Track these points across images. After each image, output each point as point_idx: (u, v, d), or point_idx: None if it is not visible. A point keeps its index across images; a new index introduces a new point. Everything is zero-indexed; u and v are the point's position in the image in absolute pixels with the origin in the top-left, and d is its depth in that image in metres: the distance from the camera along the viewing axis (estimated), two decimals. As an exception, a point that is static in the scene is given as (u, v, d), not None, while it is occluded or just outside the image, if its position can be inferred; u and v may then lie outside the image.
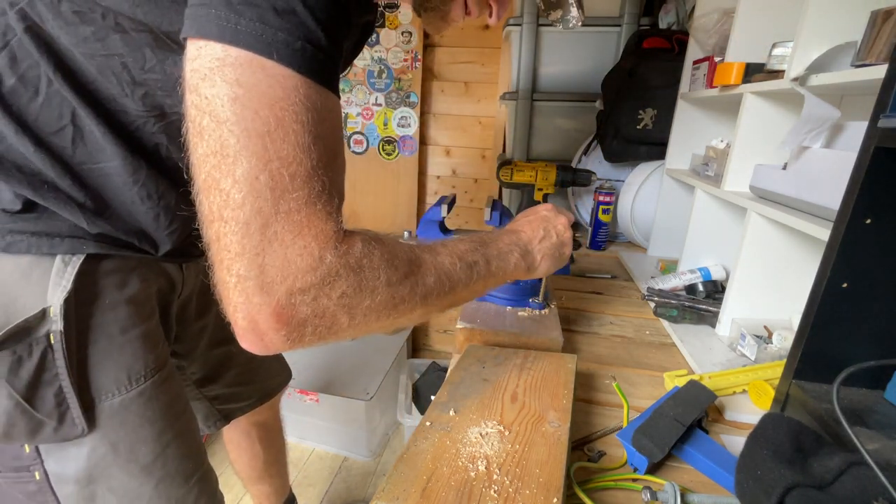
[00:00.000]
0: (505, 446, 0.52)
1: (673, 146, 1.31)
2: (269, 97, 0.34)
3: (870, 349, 0.55)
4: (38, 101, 0.45)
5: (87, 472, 0.57)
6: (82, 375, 0.54)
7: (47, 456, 0.56)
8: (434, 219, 0.92)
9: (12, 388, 0.50)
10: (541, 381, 0.66)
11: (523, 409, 0.59)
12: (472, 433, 0.54)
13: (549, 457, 0.50)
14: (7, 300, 0.48)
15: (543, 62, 1.63)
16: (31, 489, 0.56)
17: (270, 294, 0.35)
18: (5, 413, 0.51)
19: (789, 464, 0.46)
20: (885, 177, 0.49)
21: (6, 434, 0.52)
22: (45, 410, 0.52)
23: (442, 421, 0.56)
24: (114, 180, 0.50)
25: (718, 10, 1.09)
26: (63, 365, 0.52)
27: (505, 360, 0.72)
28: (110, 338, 0.55)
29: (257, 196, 0.34)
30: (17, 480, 0.56)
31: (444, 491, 0.45)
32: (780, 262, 0.85)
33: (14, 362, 0.49)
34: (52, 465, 0.56)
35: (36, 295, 0.49)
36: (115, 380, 0.56)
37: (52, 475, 0.56)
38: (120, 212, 0.53)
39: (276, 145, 0.34)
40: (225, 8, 0.32)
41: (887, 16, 0.61)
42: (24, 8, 0.42)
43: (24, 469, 0.56)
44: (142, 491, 0.61)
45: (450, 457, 0.50)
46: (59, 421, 0.53)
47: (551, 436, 0.54)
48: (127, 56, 0.44)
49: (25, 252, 0.48)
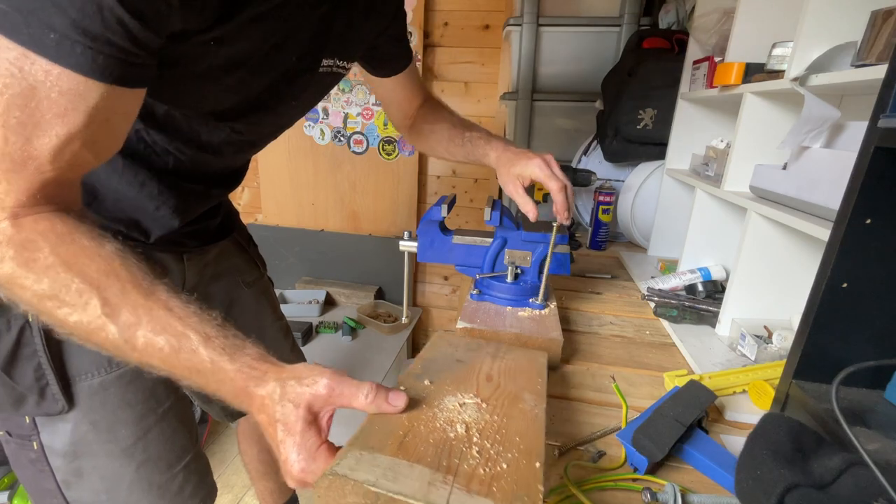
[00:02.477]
0: (483, 416, 0.50)
1: (673, 146, 1.31)
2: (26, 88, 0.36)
3: (870, 349, 0.55)
4: None
5: (72, 448, 0.61)
6: (60, 354, 0.57)
7: (42, 428, 0.60)
8: (434, 219, 0.92)
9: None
10: (514, 368, 0.64)
11: (499, 388, 0.57)
12: (450, 401, 0.51)
13: (528, 429, 0.48)
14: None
15: (543, 62, 1.63)
16: (32, 457, 0.61)
17: None
18: None
19: (789, 464, 0.46)
20: (885, 177, 0.49)
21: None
22: (25, 384, 0.56)
23: (417, 388, 0.53)
24: (96, 170, 0.51)
25: (718, 10, 1.09)
26: (40, 342, 0.55)
27: (477, 349, 0.70)
28: None
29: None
30: (22, 447, 0.61)
31: (422, 446, 0.43)
32: (780, 262, 0.85)
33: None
34: (45, 438, 0.60)
35: None
36: (93, 361, 0.59)
37: (46, 447, 0.61)
38: (107, 202, 0.57)
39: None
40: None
41: (887, 16, 0.61)
42: None
43: (26, 437, 0.61)
44: (123, 473, 0.63)
45: (427, 418, 0.47)
46: (40, 395, 0.57)
47: (529, 412, 0.52)
48: None
49: None
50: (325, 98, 2.16)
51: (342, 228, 2.36)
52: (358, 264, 2.39)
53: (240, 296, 0.87)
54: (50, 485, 0.63)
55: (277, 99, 0.62)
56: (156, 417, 0.65)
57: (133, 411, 0.63)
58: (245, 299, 0.89)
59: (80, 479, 0.63)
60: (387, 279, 2.40)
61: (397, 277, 2.36)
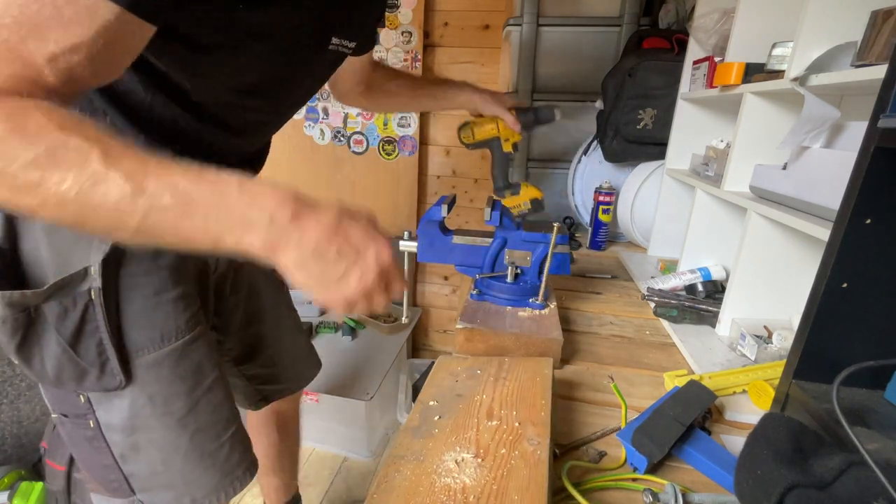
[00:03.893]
0: (482, 474, 0.49)
1: (673, 146, 1.31)
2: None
3: (870, 349, 0.55)
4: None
5: (130, 423, 0.63)
6: (120, 331, 0.60)
7: (98, 406, 0.62)
8: (434, 219, 0.92)
9: (60, 336, 0.56)
10: (517, 391, 0.64)
11: (500, 426, 0.57)
12: (448, 460, 0.51)
13: (530, 482, 0.48)
14: (63, 260, 0.55)
15: (543, 62, 1.63)
16: (89, 434, 0.64)
17: None
18: (55, 358, 0.57)
19: (789, 464, 0.46)
20: (885, 177, 0.49)
21: (57, 378, 0.59)
22: (87, 359, 0.58)
23: (414, 449, 0.53)
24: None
25: (718, 10, 1.09)
26: (102, 319, 0.58)
27: (479, 372, 0.70)
28: (145, 299, 0.61)
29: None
30: (78, 426, 0.64)
31: None
32: (780, 262, 0.85)
33: (61, 312, 0.56)
34: (101, 415, 0.63)
35: (82, 257, 0.56)
36: (149, 337, 0.62)
37: (103, 423, 0.63)
38: None
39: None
40: None
41: (887, 16, 0.61)
42: None
43: (81, 416, 0.63)
44: (179, 443, 0.66)
45: (424, 490, 0.47)
46: (101, 370, 0.59)
47: (531, 456, 0.52)
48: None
49: None
50: (326, 98, 2.16)
51: (342, 228, 2.35)
52: (358, 264, 2.39)
53: (261, 284, 0.90)
54: (107, 460, 0.65)
55: (293, 74, 0.64)
56: (203, 390, 0.68)
57: (184, 384, 0.66)
58: (266, 287, 0.92)
59: (136, 452, 0.65)
60: (387, 279, 2.40)
61: (397, 277, 2.36)
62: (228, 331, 0.88)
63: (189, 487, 0.68)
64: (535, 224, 0.94)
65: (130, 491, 0.67)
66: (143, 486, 0.67)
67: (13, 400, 1.47)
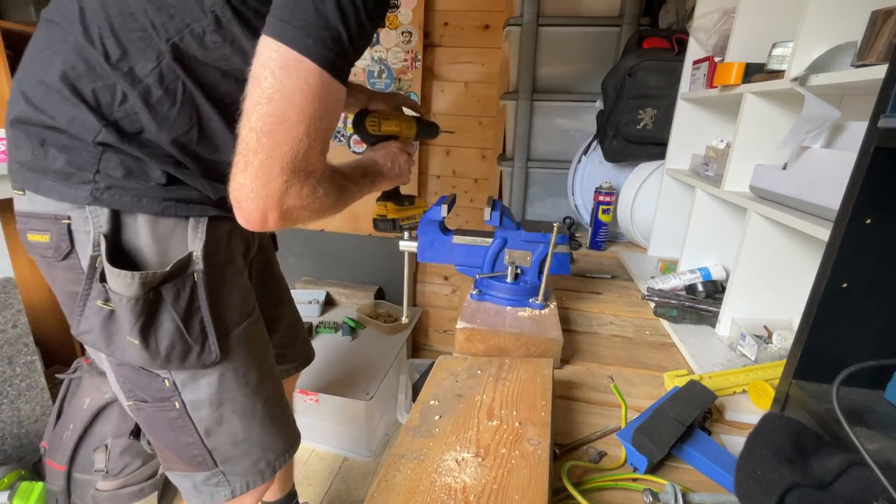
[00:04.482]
0: (483, 473, 0.49)
1: (673, 146, 1.31)
2: (316, 95, 0.52)
3: (870, 349, 0.55)
4: (175, 108, 0.59)
5: (217, 396, 0.70)
6: (216, 309, 0.67)
7: (183, 388, 0.69)
8: (434, 219, 0.92)
9: (175, 314, 0.63)
10: (517, 392, 0.64)
11: (500, 426, 0.57)
12: (448, 459, 0.51)
13: (530, 481, 0.48)
14: (162, 249, 0.63)
15: (543, 62, 1.63)
16: (173, 416, 0.70)
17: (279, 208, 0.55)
18: (170, 336, 0.63)
19: (789, 464, 0.46)
20: (885, 177, 0.49)
21: (167, 356, 0.64)
22: (193, 335, 0.65)
23: (414, 448, 0.53)
24: (225, 160, 0.62)
25: (718, 10, 1.09)
26: (204, 298, 0.65)
27: (479, 372, 0.70)
28: (231, 281, 0.71)
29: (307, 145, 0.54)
30: (161, 409, 0.69)
31: None
32: (780, 262, 0.85)
33: (176, 292, 0.63)
34: (188, 395, 0.69)
35: (180, 246, 0.64)
36: (234, 316, 0.71)
37: (189, 403, 0.69)
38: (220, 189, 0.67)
39: (314, 123, 0.53)
40: (303, 30, 0.50)
41: (887, 16, 0.61)
42: (175, 42, 0.57)
43: (166, 399, 0.68)
44: (255, 409, 0.74)
45: (425, 489, 0.47)
46: (202, 347, 0.66)
47: (531, 455, 0.52)
48: (242, 66, 0.57)
49: (173, 215, 0.62)
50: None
51: (342, 228, 2.35)
52: (358, 264, 2.39)
53: (273, 271, 0.99)
54: (190, 437, 0.71)
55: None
56: (269, 363, 0.78)
57: (255, 357, 0.74)
58: (277, 274, 1.00)
59: (220, 425, 0.72)
60: (387, 279, 2.40)
61: (397, 277, 2.36)
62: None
63: (264, 452, 0.77)
64: (535, 224, 0.94)
65: (213, 464, 0.74)
66: (226, 456, 0.74)
67: (13, 400, 1.47)
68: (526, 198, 1.77)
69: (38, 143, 0.59)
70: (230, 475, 0.76)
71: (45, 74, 0.57)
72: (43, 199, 0.60)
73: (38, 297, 1.91)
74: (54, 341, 1.96)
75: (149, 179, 0.60)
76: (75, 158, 0.58)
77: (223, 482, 0.75)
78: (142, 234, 0.62)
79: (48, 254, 0.62)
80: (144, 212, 0.61)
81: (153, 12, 0.55)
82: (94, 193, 0.58)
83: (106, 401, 1.31)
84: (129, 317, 0.60)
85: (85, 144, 0.58)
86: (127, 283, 0.59)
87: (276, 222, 0.56)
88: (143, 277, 0.59)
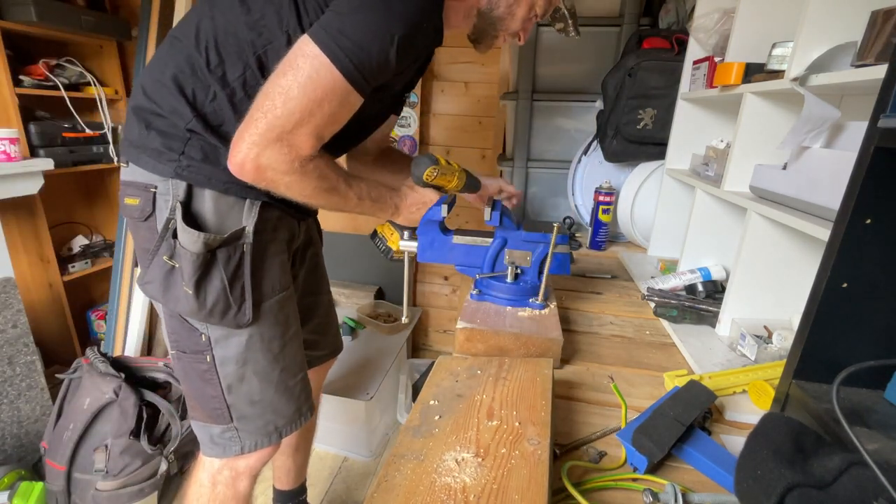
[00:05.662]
0: (482, 473, 0.49)
1: (673, 146, 1.31)
2: (325, 86, 0.64)
3: (870, 349, 0.55)
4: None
5: (243, 356, 0.79)
6: (256, 278, 0.78)
7: (216, 345, 0.79)
8: (434, 219, 0.91)
9: (224, 274, 0.74)
10: (517, 391, 0.64)
11: (500, 426, 0.57)
12: (448, 459, 0.51)
13: (530, 481, 0.48)
14: (221, 220, 0.75)
15: (543, 62, 1.63)
16: (203, 368, 0.80)
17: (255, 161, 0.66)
18: (216, 292, 0.74)
19: (789, 464, 0.46)
20: (885, 177, 0.49)
21: (211, 310, 0.74)
22: (234, 296, 0.76)
23: (414, 448, 0.53)
24: None
25: (718, 10, 1.09)
26: (248, 267, 0.76)
27: (479, 372, 0.70)
28: (271, 258, 0.81)
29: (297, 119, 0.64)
30: (196, 360, 0.80)
31: None
32: (780, 262, 0.85)
33: (226, 258, 0.74)
34: (218, 352, 0.79)
35: (235, 220, 0.75)
36: (268, 287, 0.80)
37: (218, 358, 0.79)
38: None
39: (311, 108, 0.64)
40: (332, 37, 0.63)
41: (887, 16, 0.61)
42: (259, 54, 0.70)
43: (200, 352, 0.79)
44: (272, 375, 0.83)
45: (425, 489, 0.47)
46: (239, 308, 0.76)
47: (531, 455, 0.52)
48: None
49: (234, 195, 0.74)
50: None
51: (342, 229, 2.35)
52: (358, 264, 2.39)
53: (318, 262, 1.07)
54: (215, 391, 0.80)
55: (378, 114, 0.93)
56: (290, 335, 0.85)
57: (280, 327, 0.83)
58: (320, 265, 1.09)
59: (241, 382, 0.81)
60: (387, 279, 2.40)
61: (397, 277, 2.36)
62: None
63: (275, 416, 0.85)
64: (535, 224, 0.94)
65: (230, 418, 0.82)
66: (241, 413, 0.82)
67: (13, 400, 1.47)
68: (526, 198, 1.77)
69: (144, 126, 0.73)
70: (242, 432, 0.83)
71: (161, 74, 0.72)
72: (140, 170, 0.74)
73: (38, 297, 1.91)
74: (54, 341, 1.97)
75: (219, 164, 0.72)
76: (169, 141, 0.72)
77: (235, 438, 0.84)
78: (207, 205, 0.74)
79: (135, 214, 0.75)
80: (212, 188, 0.73)
81: (247, 31, 0.69)
82: (177, 170, 0.72)
83: (106, 401, 1.31)
84: (190, 269, 0.72)
85: (178, 130, 0.72)
86: (193, 240, 0.71)
87: (251, 173, 0.66)
88: (206, 237, 0.71)
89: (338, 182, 0.75)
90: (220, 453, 0.85)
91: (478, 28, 0.82)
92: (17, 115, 1.67)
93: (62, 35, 1.85)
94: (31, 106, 1.79)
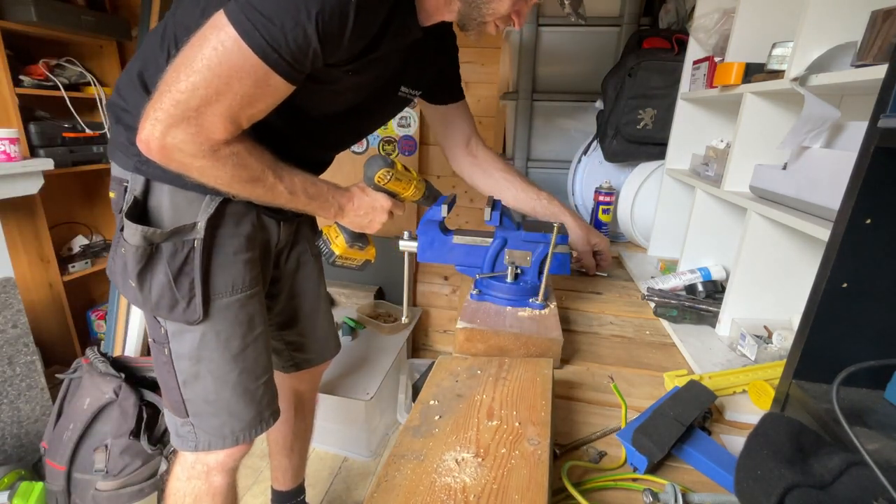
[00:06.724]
0: (483, 473, 0.49)
1: (673, 146, 1.31)
2: (232, 62, 0.59)
3: (870, 349, 0.55)
4: None
5: (197, 352, 0.80)
6: (206, 276, 0.77)
7: (172, 338, 0.80)
8: (434, 219, 0.92)
9: (168, 269, 0.74)
10: (517, 391, 0.64)
11: (500, 426, 0.57)
12: (448, 459, 0.51)
13: (530, 481, 0.48)
14: (178, 214, 0.75)
15: (543, 62, 1.63)
16: (163, 360, 0.81)
17: (160, 140, 0.62)
18: (160, 287, 0.75)
19: (789, 464, 0.46)
20: (885, 177, 0.49)
21: (157, 304, 0.76)
22: (181, 293, 0.76)
23: (414, 448, 0.53)
24: None
25: (718, 10, 1.09)
26: (198, 264, 0.76)
27: (479, 372, 0.70)
28: (226, 256, 0.80)
29: (202, 96, 0.60)
30: (159, 351, 0.82)
31: None
32: (780, 262, 0.85)
33: (172, 252, 0.74)
34: (174, 346, 0.80)
35: (192, 215, 0.76)
36: (224, 285, 0.80)
37: (174, 353, 0.80)
38: None
39: (217, 85, 0.59)
40: (242, 9, 0.57)
41: (887, 16, 0.61)
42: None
43: (161, 344, 0.81)
44: (229, 377, 0.82)
45: (425, 489, 0.47)
46: (188, 304, 0.76)
47: (531, 455, 0.52)
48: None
49: (192, 190, 0.74)
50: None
51: (342, 228, 2.36)
52: (358, 264, 2.39)
53: (306, 262, 1.06)
54: (173, 383, 0.82)
55: (367, 111, 0.87)
56: (253, 337, 0.84)
57: (241, 328, 0.82)
58: (309, 266, 1.07)
59: (196, 380, 0.81)
60: (387, 279, 2.40)
61: (397, 277, 2.36)
62: (278, 298, 1.04)
63: (231, 418, 0.84)
64: (535, 224, 0.94)
65: (186, 413, 0.83)
66: (196, 410, 0.83)
67: (13, 400, 1.47)
68: (526, 198, 1.77)
69: (114, 121, 0.76)
70: (198, 429, 0.84)
71: (130, 72, 0.74)
72: (115, 165, 0.77)
73: (38, 297, 1.91)
74: (54, 341, 1.97)
75: None
76: (132, 136, 0.69)
77: (192, 433, 0.84)
78: (164, 200, 0.75)
79: (114, 208, 0.78)
80: (171, 183, 0.74)
81: (201, 21, 0.65)
82: (136, 164, 0.73)
83: (106, 401, 1.31)
84: (132, 262, 0.73)
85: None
86: (132, 233, 0.72)
87: (157, 152, 0.63)
88: (144, 231, 0.71)
89: (262, 173, 0.70)
90: (181, 445, 0.86)
91: (462, 13, 0.74)
92: (17, 115, 1.67)
93: (62, 35, 1.85)
94: (31, 106, 1.79)
